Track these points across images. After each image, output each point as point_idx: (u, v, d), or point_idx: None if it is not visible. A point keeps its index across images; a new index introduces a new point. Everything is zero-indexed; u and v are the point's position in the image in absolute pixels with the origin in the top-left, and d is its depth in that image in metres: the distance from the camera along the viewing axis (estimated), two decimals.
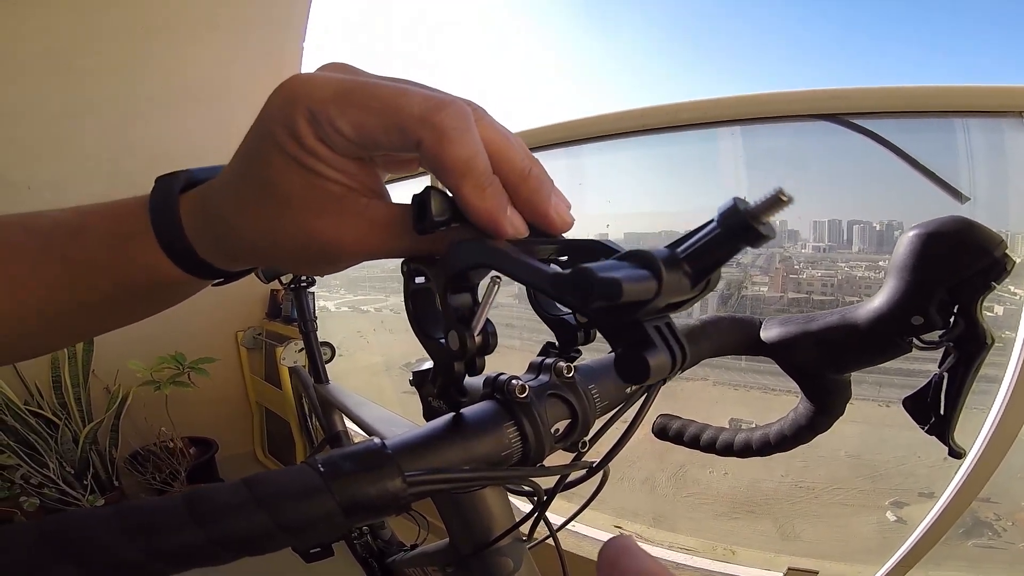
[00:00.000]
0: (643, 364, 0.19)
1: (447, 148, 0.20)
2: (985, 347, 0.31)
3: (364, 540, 1.03)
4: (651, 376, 0.19)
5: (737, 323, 0.38)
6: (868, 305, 0.33)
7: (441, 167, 0.20)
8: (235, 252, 0.25)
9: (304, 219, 0.22)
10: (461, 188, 0.21)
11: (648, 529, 1.42)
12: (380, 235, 0.22)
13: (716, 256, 0.18)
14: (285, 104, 0.20)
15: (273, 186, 0.22)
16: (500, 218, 0.21)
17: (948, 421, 0.34)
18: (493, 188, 0.21)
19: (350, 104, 0.20)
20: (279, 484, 0.18)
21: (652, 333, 0.19)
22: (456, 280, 0.23)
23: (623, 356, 0.19)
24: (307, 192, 0.21)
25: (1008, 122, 0.91)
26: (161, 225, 0.25)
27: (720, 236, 0.18)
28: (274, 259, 0.24)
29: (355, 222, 0.22)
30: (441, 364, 0.24)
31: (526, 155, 0.23)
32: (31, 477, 1.61)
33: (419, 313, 0.25)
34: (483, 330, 0.23)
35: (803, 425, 0.39)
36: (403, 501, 0.20)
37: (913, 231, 0.32)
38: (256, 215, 0.22)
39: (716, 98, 1.01)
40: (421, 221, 0.21)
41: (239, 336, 2.22)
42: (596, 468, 0.28)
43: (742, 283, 1.66)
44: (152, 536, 0.16)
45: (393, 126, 0.20)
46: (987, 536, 1.20)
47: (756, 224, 0.17)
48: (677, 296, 0.19)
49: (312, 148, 0.21)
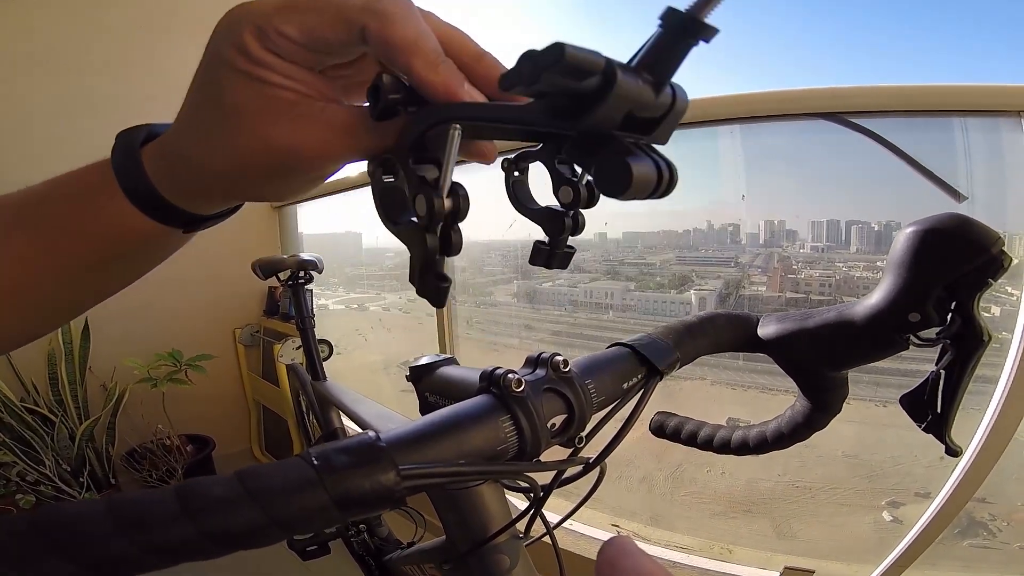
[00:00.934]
0: (624, 170, 0.18)
1: (391, 29, 0.20)
2: (982, 344, 0.31)
3: (361, 538, 1.03)
4: (633, 185, 0.18)
5: (734, 320, 0.38)
6: (865, 302, 0.33)
7: (389, 49, 0.20)
8: (200, 187, 0.25)
9: (261, 129, 0.22)
10: (413, 66, 0.21)
11: (645, 528, 1.42)
12: (341, 137, 0.23)
13: (669, 59, 0.18)
14: (230, 24, 0.21)
15: (227, 104, 0.22)
16: (458, 90, 0.21)
17: (945, 419, 0.34)
18: (446, 64, 0.21)
19: (294, 10, 0.21)
20: (272, 477, 0.18)
21: (630, 145, 0.19)
22: (418, 150, 0.22)
23: (601, 166, 0.18)
24: (260, 102, 0.22)
25: (1006, 122, 0.91)
26: (125, 174, 0.25)
27: (666, 36, 0.17)
28: (240, 183, 0.24)
29: (313, 126, 0.22)
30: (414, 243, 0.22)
31: (478, 43, 0.23)
32: (27, 474, 1.60)
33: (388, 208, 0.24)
34: (453, 192, 0.21)
35: (800, 423, 0.39)
36: (397, 495, 0.19)
37: (910, 228, 0.32)
38: (215, 137, 0.23)
39: (716, 96, 1.01)
40: (376, 106, 0.21)
41: (236, 333, 2.22)
42: (593, 464, 0.28)
43: (740, 282, 1.66)
44: (143, 529, 0.15)
45: (337, 19, 0.20)
46: (982, 536, 1.20)
47: (700, 16, 0.16)
48: (643, 106, 0.18)
49: (260, 58, 0.21)
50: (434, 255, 0.22)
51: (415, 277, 0.22)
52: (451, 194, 0.21)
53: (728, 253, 1.67)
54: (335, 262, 2.69)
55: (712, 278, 1.70)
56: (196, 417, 2.05)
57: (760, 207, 1.49)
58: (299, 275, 1.12)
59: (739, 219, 1.62)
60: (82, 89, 1.78)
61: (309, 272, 1.12)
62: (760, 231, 1.61)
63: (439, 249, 0.22)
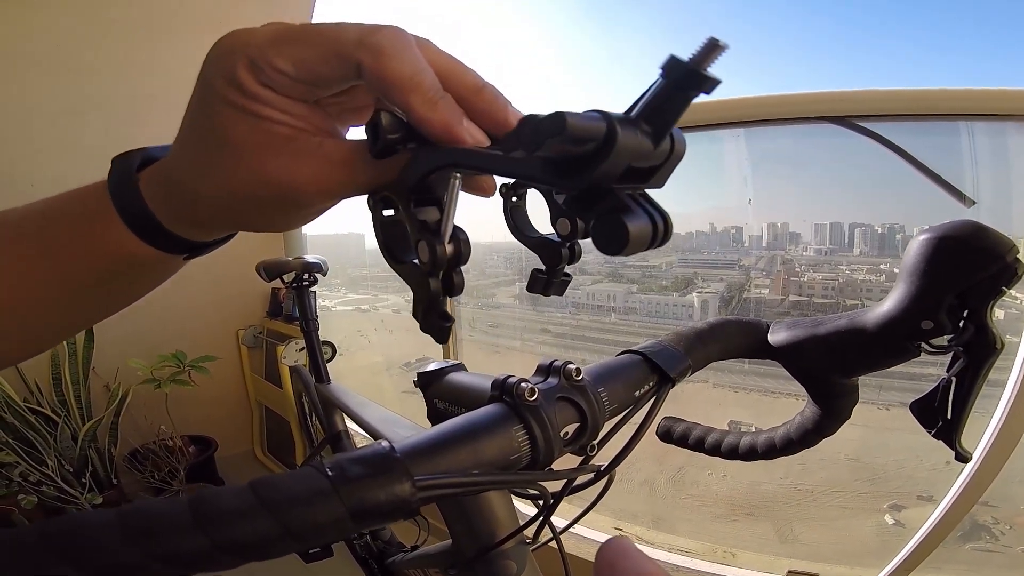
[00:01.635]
0: (621, 229, 0.18)
1: (387, 65, 0.20)
2: (994, 352, 0.31)
3: (364, 541, 1.03)
4: (630, 243, 0.18)
5: (744, 326, 0.38)
6: (877, 309, 0.33)
7: (385, 86, 0.20)
8: (198, 216, 0.25)
9: (257, 164, 0.22)
10: (410, 104, 0.20)
11: (648, 531, 1.42)
12: (339, 172, 0.22)
13: (669, 110, 0.18)
14: (223, 55, 0.21)
15: (223, 137, 0.21)
16: (456, 128, 0.21)
17: (955, 426, 0.34)
18: (445, 101, 0.21)
19: (287, 43, 0.20)
20: (286, 489, 0.17)
21: (627, 199, 0.19)
22: (419, 192, 0.22)
23: (599, 224, 0.19)
24: (256, 137, 0.21)
25: (1013, 125, 0.91)
26: (122, 201, 0.25)
27: (666, 88, 0.17)
28: (237, 215, 0.24)
29: (310, 162, 0.22)
30: (417, 285, 0.23)
31: (477, 74, 0.22)
32: (30, 475, 1.60)
33: (389, 242, 0.24)
34: (454, 238, 0.22)
35: (809, 429, 0.39)
36: (412, 506, 0.19)
37: (924, 235, 0.31)
38: (211, 170, 0.22)
39: (721, 99, 1.01)
40: (375, 144, 0.21)
41: (240, 335, 2.22)
42: (604, 471, 0.27)
43: (743, 285, 1.66)
44: (155, 541, 0.15)
45: (331, 54, 0.20)
46: (985, 539, 1.20)
47: (701, 69, 0.17)
48: (642, 157, 0.18)
49: (255, 93, 0.20)
50: (437, 296, 0.22)
51: (418, 314, 0.23)
52: (452, 239, 0.21)
53: (731, 256, 1.67)
54: (338, 263, 2.69)
55: (715, 281, 1.70)
56: (199, 418, 2.05)
57: (764, 210, 1.49)
58: (303, 277, 1.12)
59: (742, 222, 1.62)
60: (84, 89, 1.78)
61: (313, 274, 1.12)
62: (763, 234, 1.61)
63: (442, 291, 0.22)
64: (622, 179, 0.19)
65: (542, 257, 0.25)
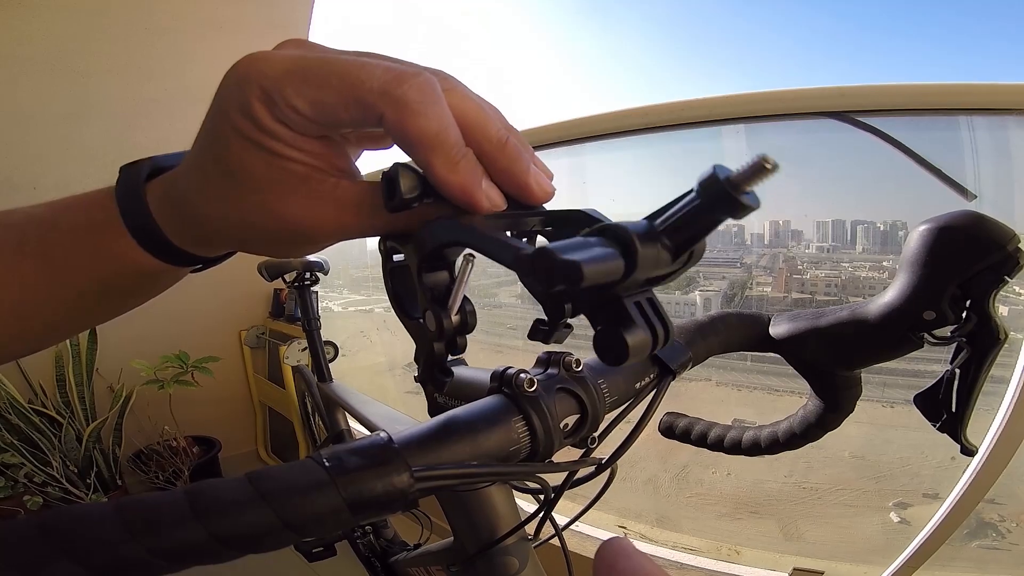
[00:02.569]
0: (621, 343, 0.18)
1: (412, 122, 0.19)
2: (998, 343, 0.31)
3: (367, 539, 1.03)
4: (630, 356, 0.18)
5: (746, 319, 0.38)
6: (879, 300, 0.33)
7: (407, 142, 0.19)
8: (206, 237, 0.24)
9: (270, 202, 0.21)
10: (431, 163, 0.20)
11: (652, 529, 1.42)
12: (350, 215, 0.22)
13: (697, 228, 0.17)
14: (238, 84, 0.20)
15: (234, 169, 0.21)
16: (475, 192, 0.20)
17: (960, 418, 0.34)
18: (466, 161, 0.20)
19: (305, 81, 0.19)
20: (283, 480, 0.17)
21: (632, 309, 0.18)
22: (430, 258, 0.22)
23: (601, 336, 0.18)
24: (270, 174, 0.21)
25: (1014, 120, 0.91)
26: (130, 214, 0.24)
27: (700, 207, 0.17)
28: (246, 242, 0.24)
29: (323, 203, 0.21)
30: (421, 344, 0.23)
31: (502, 124, 0.21)
32: (35, 476, 1.61)
33: (398, 291, 0.24)
34: (461, 309, 0.22)
35: (812, 423, 0.38)
36: (410, 497, 0.19)
37: (924, 225, 0.31)
38: (222, 200, 0.22)
39: (720, 96, 1.01)
40: (391, 199, 0.21)
41: (242, 335, 2.23)
42: (606, 464, 0.27)
43: (745, 283, 1.66)
44: (153, 532, 0.15)
45: (352, 101, 0.19)
46: (991, 537, 1.19)
47: (738, 194, 0.16)
48: (657, 270, 0.18)
49: (270, 129, 0.20)
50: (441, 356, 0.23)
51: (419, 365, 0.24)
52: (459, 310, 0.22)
53: (733, 253, 1.66)
54: (340, 264, 2.70)
55: (717, 279, 1.69)
56: (202, 419, 2.06)
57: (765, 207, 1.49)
58: (305, 277, 1.12)
59: (744, 220, 1.61)
60: (85, 92, 1.79)
61: (315, 274, 1.12)
62: (765, 231, 1.60)
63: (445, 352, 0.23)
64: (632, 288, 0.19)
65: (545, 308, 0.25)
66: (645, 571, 0.16)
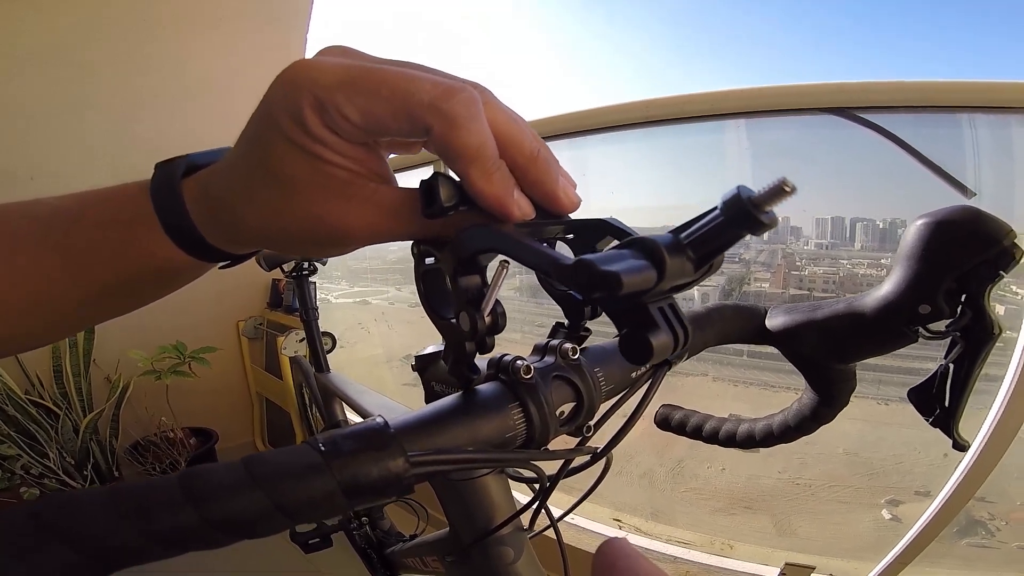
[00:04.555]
0: (646, 345, 0.19)
1: (456, 135, 0.20)
2: (992, 337, 0.31)
3: (363, 531, 1.03)
4: (654, 356, 0.19)
5: (742, 311, 0.38)
6: (875, 293, 0.33)
7: (451, 154, 0.20)
8: (242, 237, 0.25)
9: (311, 205, 0.22)
10: (469, 174, 0.21)
11: (647, 523, 1.42)
12: (388, 219, 0.23)
13: (719, 242, 0.19)
14: (290, 91, 0.20)
15: (279, 173, 0.21)
16: (508, 202, 0.21)
17: (953, 413, 0.34)
18: (501, 173, 0.21)
19: (357, 91, 0.20)
20: (278, 464, 0.17)
21: (655, 314, 0.20)
22: (465, 263, 0.23)
23: (627, 338, 0.20)
24: (314, 178, 0.21)
25: (1016, 118, 0.91)
26: (165, 211, 0.25)
27: (723, 223, 0.18)
28: (282, 243, 0.24)
29: (362, 207, 0.22)
30: (452, 343, 0.24)
31: (534, 138, 0.23)
32: (31, 467, 1.61)
33: (430, 293, 0.25)
34: (492, 311, 0.23)
35: (807, 416, 0.39)
36: (406, 482, 0.19)
37: (921, 219, 0.31)
38: (263, 201, 0.22)
39: (722, 90, 1.01)
40: (430, 206, 0.22)
41: (240, 326, 2.22)
42: (602, 453, 0.27)
43: (744, 279, 1.66)
44: (147, 517, 0.15)
45: (402, 113, 0.20)
46: (981, 535, 1.20)
47: (758, 213, 0.17)
48: (681, 279, 0.20)
49: (318, 135, 0.20)
50: (471, 355, 0.24)
51: (448, 363, 0.25)
52: (491, 312, 0.23)
53: (732, 249, 1.67)
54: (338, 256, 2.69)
55: (715, 274, 1.69)
56: (199, 410, 2.06)
57: None
58: (303, 266, 1.12)
59: None
60: (84, 86, 1.78)
61: (313, 263, 1.12)
62: None
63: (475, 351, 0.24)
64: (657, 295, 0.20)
65: (564, 310, 0.26)
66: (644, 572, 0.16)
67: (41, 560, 0.14)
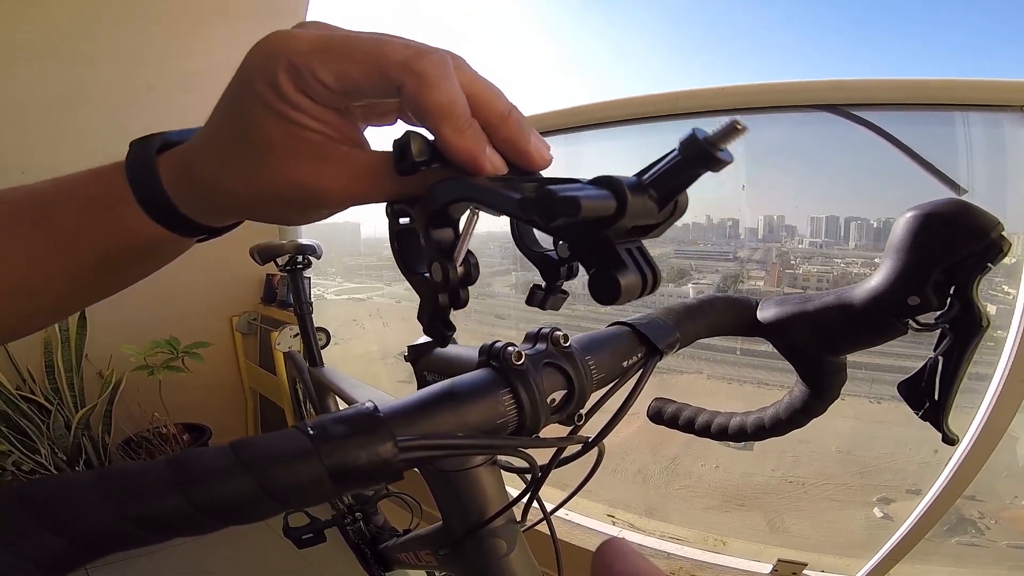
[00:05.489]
0: (614, 283, 0.20)
1: (428, 93, 0.20)
2: (980, 329, 0.31)
3: (357, 526, 1.03)
4: (622, 295, 0.20)
5: (733, 303, 0.38)
6: (864, 285, 0.33)
7: (422, 111, 0.21)
8: (219, 206, 0.25)
9: (286, 168, 0.22)
10: (441, 130, 0.21)
11: (640, 519, 1.43)
12: (362, 181, 0.23)
13: (678, 180, 0.19)
14: (266, 58, 0.21)
15: (254, 138, 0.22)
16: (479, 156, 0.22)
17: (942, 406, 0.34)
18: (472, 129, 0.22)
19: (331, 55, 0.20)
20: (266, 447, 0.17)
21: (623, 254, 0.20)
22: (437, 216, 0.23)
23: (594, 277, 0.20)
24: (288, 142, 0.22)
25: (1008, 116, 0.91)
26: (140, 184, 0.25)
27: (681, 162, 0.19)
28: (258, 210, 0.25)
29: (336, 170, 0.23)
30: (426, 297, 0.24)
31: (505, 100, 0.23)
32: (23, 463, 1.60)
33: (404, 252, 0.25)
34: (465, 261, 0.23)
35: (798, 408, 0.39)
36: (395, 467, 0.19)
37: (911, 212, 0.32)
38: (239, 167, 0.23)
39: (716, 87, 1.01)
40: (402, 162, 0.22)
41: (234, 321, 2.21)
42: (593, 442, 0.28)
43: (738, 277, 1.67)
44: (133, 501, 0.15)
45: (375, 73, 0.21)
46: (971, 533, 1.21)
47: (714, 151, 0.18)
48: (644, 219, 0.20)
49: (293, 100, 0.21)
50: (444, 308, 0.24)
51: (423, 320, 0.25)
52: (464, 262, 0.23)
53: (727, 247, 1.67)
54: (333, 252, 2.68)
55: (710, 272, 1.70)
56: (193, 405, 2.05)
57: (759, 201, 1.49)
58: (297, 260, 1.11)
59: (738, 214, 1.62)
60: (78, 78, 1.77)
61: (307, 257, 1.12)
62: (759, 226, 1.61)
63: (448, 305, 0.24)
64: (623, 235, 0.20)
65: (541, 271, 0.26)
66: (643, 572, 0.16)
67: (25, 546, 0.14)
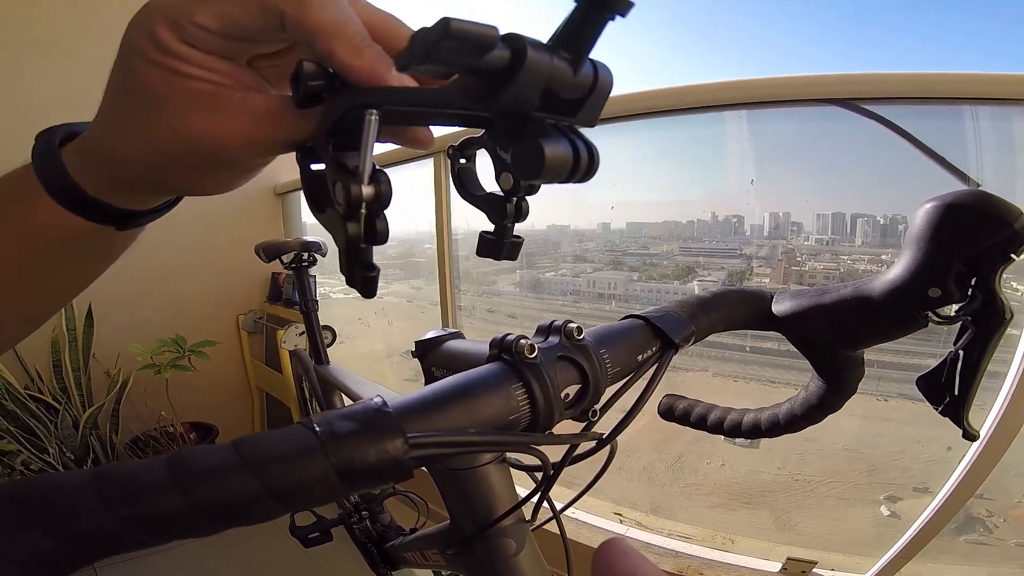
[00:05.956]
0: (537, 152, 0.18)
1: (310, 13, 0.19)
2: (1003, 322, 0.30)
3: (363, 524, 1.03)
4: (546, 167, 0.18)
5: (747, 296, 0.37)
6: (883, 277, 0.32)
7: (309, 34, 0.20)
8: (122, 180, 0.24)
9: (176, 119, 0.21)
10: (334, 51, 0.20)
11: (647, 517, 1.42)
12: (264, 126, 0.22)
13: (584, 33, 0.17)
14: (145, 16, 0.21)
15: (143, 95, 0.21)
16: (385, 75, 0.20)
17: (963, 402, 0.33)
18: (372, 50, 0.21)
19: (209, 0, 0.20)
20: (270, 446, 0.17)
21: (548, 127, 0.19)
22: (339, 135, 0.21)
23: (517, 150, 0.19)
24: (176, 93, 0.21)
25: (1018, 110, 0.90)
26: (46, 172, 0.24)
27: (580, 10, 0.17)
28: (162, 176, 0.24)
29: (234, 116, 0.22)
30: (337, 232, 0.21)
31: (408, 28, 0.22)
32: (31, 463, 1.60)
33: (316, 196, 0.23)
34: (374, 179, 0.20)
35: (813, 404, 0.38)
36: (404, 465, 0.18)
37: (930, 203, 0.31)
38: (129, 128, 0.22)
39: (724, 81, 1.00)
40: (297, 91, 0.20)
41: (240, 320, 2.22)
42: (608, 438, 0.27)
43: (744, 273, 1.65)
44: (130, 502, 0.14)
45: (254, 6, 0.20)
46: (979, 532, 1.20)
47: None
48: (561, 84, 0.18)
49: (175, 50, 0.20)
50: (357, 243, 0.21)
51: (343, 266, 0.22)
52: (372, 181, 0.20)
53: (732, 244, 1.66)
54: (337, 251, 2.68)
55: (716, 269, 1.69)
56: (199, 404, 2.05)
57: (766, 197, 1.48)
58: (303, 258, 1.11)
59: (743, 210, 1.61)
60: (79, 77, 1.77)
61: (313, 254, 1.12)
62: (765, 223, 1.60)
63: (363, 238, 0.21)
64: (544, 108, 0.19)
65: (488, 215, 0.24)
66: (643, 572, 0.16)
67: (16, 546, 0.13)
